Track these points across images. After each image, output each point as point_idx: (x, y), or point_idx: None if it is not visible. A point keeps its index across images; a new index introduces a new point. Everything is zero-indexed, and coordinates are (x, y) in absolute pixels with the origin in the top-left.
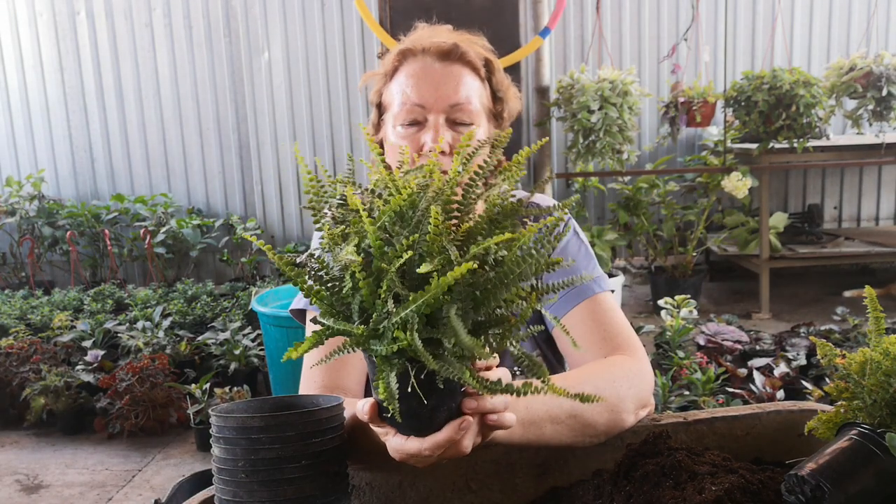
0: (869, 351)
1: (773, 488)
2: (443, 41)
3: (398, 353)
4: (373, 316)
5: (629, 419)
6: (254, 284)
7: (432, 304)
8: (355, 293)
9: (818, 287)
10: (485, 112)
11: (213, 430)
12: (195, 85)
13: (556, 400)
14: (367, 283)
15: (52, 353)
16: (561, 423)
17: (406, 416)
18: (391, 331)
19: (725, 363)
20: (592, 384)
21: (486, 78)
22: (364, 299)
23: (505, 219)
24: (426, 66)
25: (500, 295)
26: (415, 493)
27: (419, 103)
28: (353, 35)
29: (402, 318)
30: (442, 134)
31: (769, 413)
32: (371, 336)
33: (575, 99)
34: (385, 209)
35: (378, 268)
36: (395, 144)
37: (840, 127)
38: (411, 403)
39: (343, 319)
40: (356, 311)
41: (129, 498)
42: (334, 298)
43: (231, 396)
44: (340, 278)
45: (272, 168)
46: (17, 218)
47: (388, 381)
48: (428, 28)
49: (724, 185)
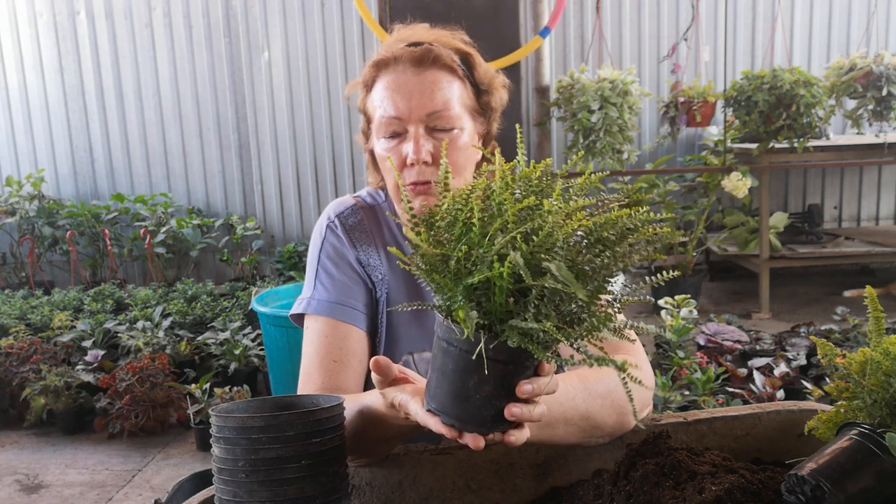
0: (869, 351)
1: (773, 488)
2: (414, 48)
3: (484, 315)
4: (474, 251)
5: (630, 422)
6: (254, 284)
7: (535, 251)
8: (467, 231)
9: (818, 287)
10: (467, 112)
11: (213, 430)
12: (195, 85)
13: (571, 402)
14: (482, 219)
15: (52, 353)
16: (573, 424)
17: (455, 398)
18: (490, 258)
19: (725, 363)
20: (605, 385)
21: (466, 75)
22: (474, 234)
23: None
24: (399, 77)
25: (601, 273)
26: (415, 493)
27: (396, 116)
28: (353, 35)
29: (506, 242)
30: (422, 144)
31: (769, 413)
32: (465, 268)
33: (575, 99)
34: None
35: (500, 203)
36: (381, 157)
37: (840, 127)
38: (467, 382)
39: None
40: (460, 246)
41: (129, 498)
42: (441, 235)
43: (231, 396)
44: (453, 218)
45: (272, 168)
46: (17, 218)
47: (468, 311)
48: (405, 29)
49: (724, 184)
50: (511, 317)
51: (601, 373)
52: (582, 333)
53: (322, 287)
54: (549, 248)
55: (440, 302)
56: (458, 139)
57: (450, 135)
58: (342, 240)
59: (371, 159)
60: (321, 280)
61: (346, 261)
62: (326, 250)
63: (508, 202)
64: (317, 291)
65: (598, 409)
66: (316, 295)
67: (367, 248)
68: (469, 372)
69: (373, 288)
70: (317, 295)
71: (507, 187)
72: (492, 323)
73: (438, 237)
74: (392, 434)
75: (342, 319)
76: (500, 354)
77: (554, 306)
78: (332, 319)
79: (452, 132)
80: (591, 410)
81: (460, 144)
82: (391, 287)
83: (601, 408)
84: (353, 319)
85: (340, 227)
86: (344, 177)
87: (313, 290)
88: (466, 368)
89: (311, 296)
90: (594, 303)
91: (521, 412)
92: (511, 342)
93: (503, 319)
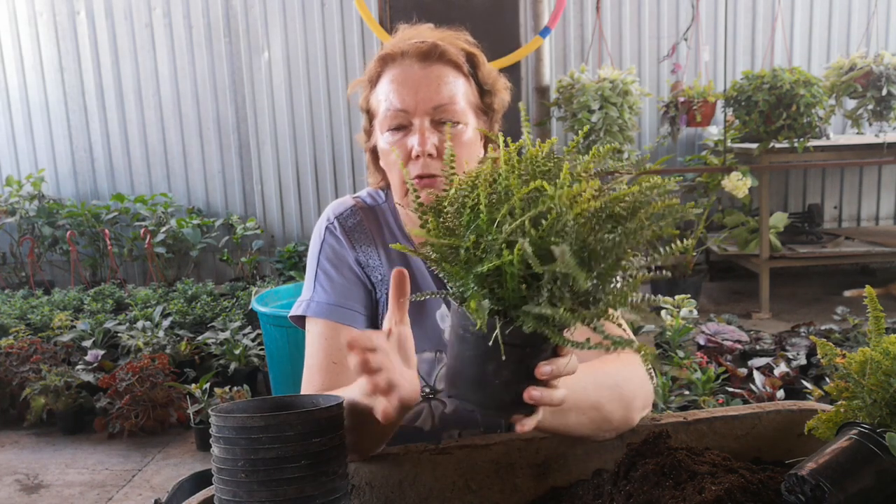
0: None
1: (773, 488)
2: (421, 43)
3: (497, 301)
4: (482, 239)
5: (637, 417)
6: (254, 284)
7: (543, 236)
8: (475, 217)
9: (818, 287)
10: (471, 109)
11: (213, 430)
12: (195, 85)
13: (583, 391)
14: (489, 205)
15: (52, 352)
16: (584, 413)
17: (474, 384)
18: (499, 245)
19: (725, 363)
20: (613, 378)
21: (471, 73)
22: (482, 221)
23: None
24: (406, 70)
25: (613, 252)
26: (415, 493)
27: (402, 108)
28: (353, 35)
29: (514, 228)
30: (428, 137)
31: (769, 413)
32: (475, 256)
33: (575, 99)
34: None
35: (507, 187)
36: (385, 150)
37: (840, 127)
38: (486, 368)
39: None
40: (468, 234)
41: (129, 498)
42: (449, 221)
43: (231, 396)
44: (461, 205)
45: (272, 168)
46: (17, 218)
47: (479, 301)
48: (410, 29)
49: (724, 184)
50: (525, 302)
51: (609, 366)
52: (598, 314)
53: (321, 289)
54: (558, 230)
55: (453, 289)
56: (463, 134)
57: (454, 129)
58: (341, 241)
59: (372, 158)
60: (320, 282)
61: (346, 262)
62: (326, 252)
63: (515, 186)
64: (316, 293)
65: (607, 401)
66: (315, 297)
67: (366, 249)
68: (487, 358)
69: (372, 289)
70: (316, 297)
71: (512, 170)
72: (506, 308)
73: (447, 224)
74: (377, 423)
75: (341, 321)
76: (516, 339)
77: (568, 289)
78: (332, 322)
79: (457, 127)
80: (601, 401)
81: (465, 140)
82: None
83: (609, 400)
84: (352, 321)
85: (340, 228)
86: (344, 177)
87: (313, 293)
88: (484, 355)
89: (310, 298)
90: (608, 282)
91: (541, 395)
92: (526, 327)
93: (517, 305)
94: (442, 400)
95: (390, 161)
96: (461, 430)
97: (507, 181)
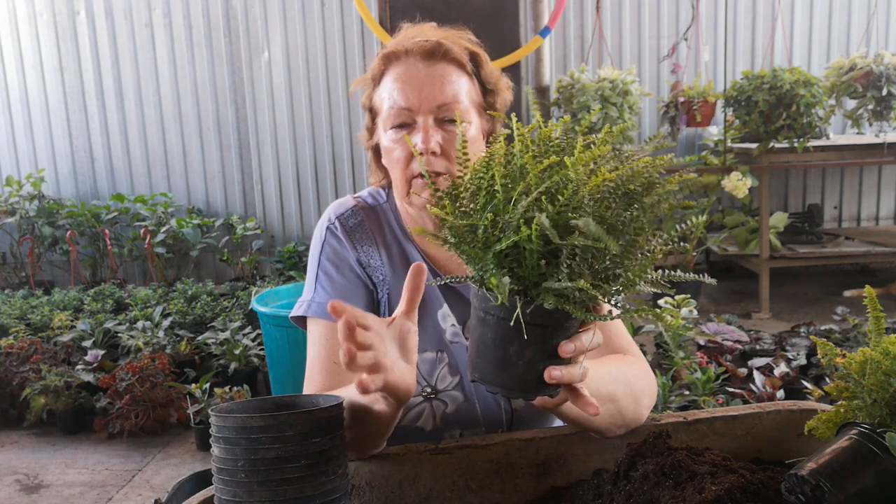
0: (869, 351)
1: (773, 488)
2: (425, 41)
3: (517, 281)
4: (500, 217)
5: (645, 415)
6: (254, 284)
7: (561, 211)
8: (491, 198)
9: (818, 287)
10: (474, 107)
11: (213, 430)
12: (195, 85)
13: (601, 380)
14: (505, 185)
15: (52, 352)
16: (602, 403)
17: (497, 365)
18: (516, 222)
19: (725, 363)
20: (625, 373)
21: (474, 72)
22: (498, 200)
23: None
24: (410, 68)
25: (632, 226)
26: (415, 493)
27: (406, 106)
28: (353, 35)
29: (531, 202)
30: (431, 135)
31: (769, 413)
32: (493, 236)
33: (575, 99)
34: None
35: (521, 166)
36: (388, 148)
37: (840, 127)
38: (508, 349)
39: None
40: (486, 214)
41: (129, 498)
42: (465, 206)
43: (231, 396)
44: (476, 188)
45: (272, 168)
46: (17, 218)
47: (500, 278)
48: (413, 28)
49: (724, 184)
50: (544, 279)
51: (621, 362)
52: (618, 289)
53: (322, 290)
54: (576, 205)
55: (473, 272)
56: (466, 132)
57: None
58: (342, 241)
59: (374, 157)
60: (321, 283)
61: (347, 263)
62: (326, 252)
63: (530, 164)
64: (317, 294)
65: (622, 394)
66: (316, 297)
67: (368, 250)
68: (509, 339)
69: (374, 289)
70: (317, 297)
71: (526, 149)
72: (526, 288)
73: (463, 208)
74: (374, 420)
75: None
76: (538, 318)
77: (587, 264)
78: (333, 322)
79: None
80: (616, 394)
81: (468, 138)
82: (392, 288)
83: (623, 394)
84: None
85: (341, 228)
86: (344, 176)
87: (313, 293)
88: (506, 336)
89: (311, 298)
90: (628, 257)
91: (562, 374)
92: (547, 304)
93: (537, 283)
94: (443, 400)
95: (393, 159)
96: (462, 430)
97: (521, 160)
